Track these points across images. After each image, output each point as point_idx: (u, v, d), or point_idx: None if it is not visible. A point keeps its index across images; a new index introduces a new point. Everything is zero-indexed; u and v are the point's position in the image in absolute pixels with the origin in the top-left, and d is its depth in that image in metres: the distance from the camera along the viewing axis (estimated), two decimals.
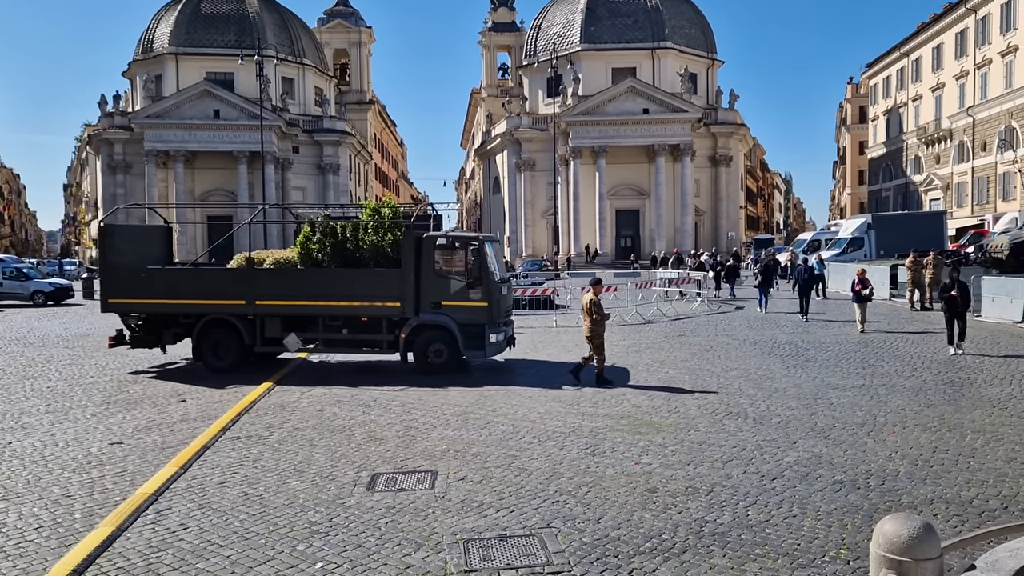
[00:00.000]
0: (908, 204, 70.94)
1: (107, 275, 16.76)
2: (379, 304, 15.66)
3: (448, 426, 11.07)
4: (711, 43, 74.87)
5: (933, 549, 4.10)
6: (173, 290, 16.31)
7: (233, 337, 16.18)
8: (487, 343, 15.71)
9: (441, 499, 7.90)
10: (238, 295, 15.97)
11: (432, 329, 15.74)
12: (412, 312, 15.63)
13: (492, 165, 77.92)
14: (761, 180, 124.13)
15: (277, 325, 16.17)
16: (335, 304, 15.82)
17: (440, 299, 15.67)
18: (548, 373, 15.52)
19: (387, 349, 16.14)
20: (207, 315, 16.19)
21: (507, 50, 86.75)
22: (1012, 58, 54.75)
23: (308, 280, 16.06)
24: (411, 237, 15.73)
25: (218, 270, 17.30)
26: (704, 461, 9.06)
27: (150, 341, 17.04)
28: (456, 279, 15.80)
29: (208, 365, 16.27)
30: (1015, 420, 10.78)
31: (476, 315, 15.69)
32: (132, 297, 16.51)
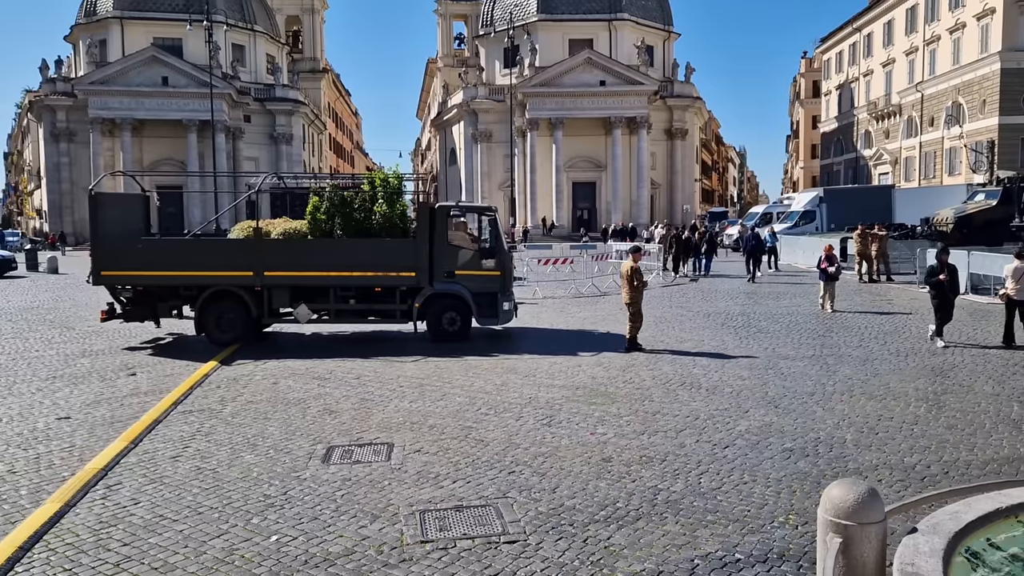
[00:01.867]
0: (858, 178, 72.30)
1: (99, 246, 15.89)
2: (394, 274, 15.79)
3: (404, 398, 11.05)
4: (668, 16, 74.92)
5: (877, 513, 4.22)
6: (173, 261, 15.80)
7: (238, 309, 15.87)
8: (500, 311, 16.20)
9: (397, 471, 7.90)
10: (245, 266, 15.65)
11: (446, 298, 16.00)
12: (427, 282, 15.83)
13: (448, 136, 77.31)
14: (716, 154, 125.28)
15: (286, 296, 16.00)
16: (348, 274, 15.81)
17: (453, 268, 15.96)
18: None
19: (400, 318, 16.29)
20: (211, 287, 15.71)
21: (463, 19, 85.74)
22: (960, 35, 55.82)
23: (320, 250, 15.90)
24: (425, 207, 16.08)
25: (224, 241, 16.77)
26: (658, 431, 9.19)
27: (144, 314, 16.43)
28: (469, 249, 16.22)
29: (212, 338, 15.83)
30: (956, 388, 11.13)
31: (489, 284, 16.13)
32: (127, 269, 15.86)
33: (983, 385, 11.29)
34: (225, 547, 6.17)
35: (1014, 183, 32.01)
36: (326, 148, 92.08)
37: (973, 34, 54.10)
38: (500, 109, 66.28)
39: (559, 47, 68.14)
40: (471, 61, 77.15)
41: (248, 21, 69.37)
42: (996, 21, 51.46)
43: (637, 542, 6.16)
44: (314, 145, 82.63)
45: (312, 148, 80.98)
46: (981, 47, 53.14)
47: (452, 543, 6.16)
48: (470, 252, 16.25)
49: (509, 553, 5.99)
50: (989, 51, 52.20)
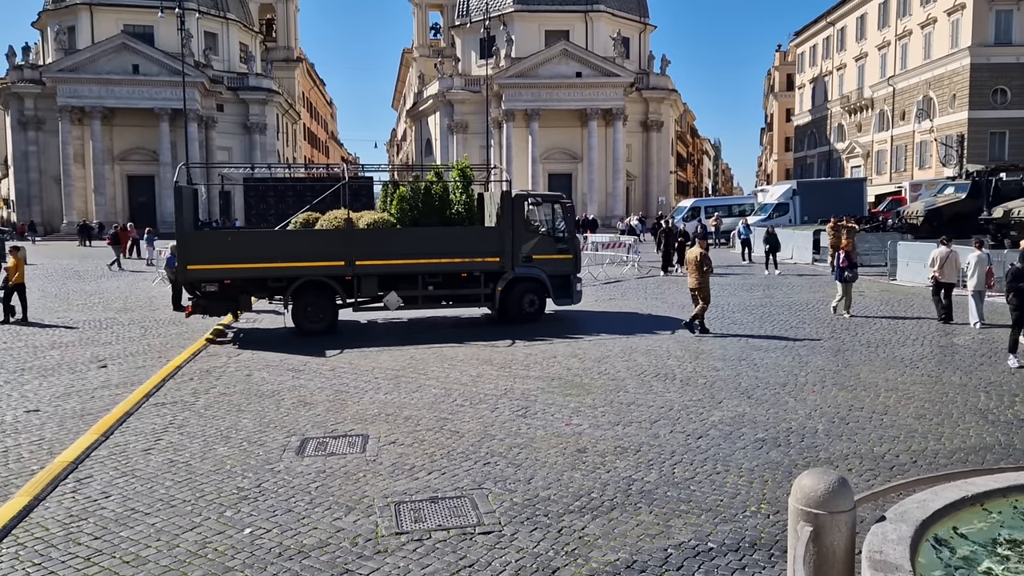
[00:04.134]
0: (831, 171, 72.94)
1: (186, 240, 15.80)
2: (479, 260, 16.68)
3: (380, 390, 11.02)
4: (643, 8, 74.95)
5: (847, 502, 4.28)
6: (265, 254, 15.85)
7: (328, 298, 16.29)
8: (574, 291, 17.56)
9: (372, 463, 7.88)
10: (337, 256, 15.99)
11: (525, 281, 17.11)
12: (509, 266, 16.80)
13: (424, 127, 76.92)
14: (691, 146, 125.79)
15: (374, 284, 16.48)
16: (438, 261, 16.48)
17: (531, 253, 17.11)
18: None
19: (484, 302, 17.23)
20: (301, 277, 15.90)
21: (439, 9, 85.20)
22: (931, 30, 56.43)
23: (410, 239, 16.57)
24: (509, 196, 17.02)
25: (316, 232, 16.84)
26: (632, 421, 9.25)
27: (226, 307, 16.42)
28: (545, 235, 17.43)
29: (303, 328, 16.06)
30: (925, 379, 11.30)
31: (563, 267, 17.41)
32: (217, 263, 15.64)
33: (951, 376, 11.47)
34: (198, 540, 6.13)
35: (983, 177, 32.48)
36: (300, 138, 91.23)
37: (944, 29, 54.73)
38: (476, 100, 66.03)
39: (535, 38, 67.95)
40: (447, 51, 76.73)
41: (221, 9, 68.39)
42: (966, 16, 52.09)
43: (611, 532, 6.20)
44: (288, 135, 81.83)
45: (286, 138, 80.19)
46: (951, 42, 53.77)
47: (427, 534, 6.16)
48: (546, 237, 17.45)
49: (484, 544, 6.00)
50: (959, 46, 52.84)
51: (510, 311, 17.07)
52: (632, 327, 16.35)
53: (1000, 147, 52.12)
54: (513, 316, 17.03)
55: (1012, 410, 9.58)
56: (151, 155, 63.25)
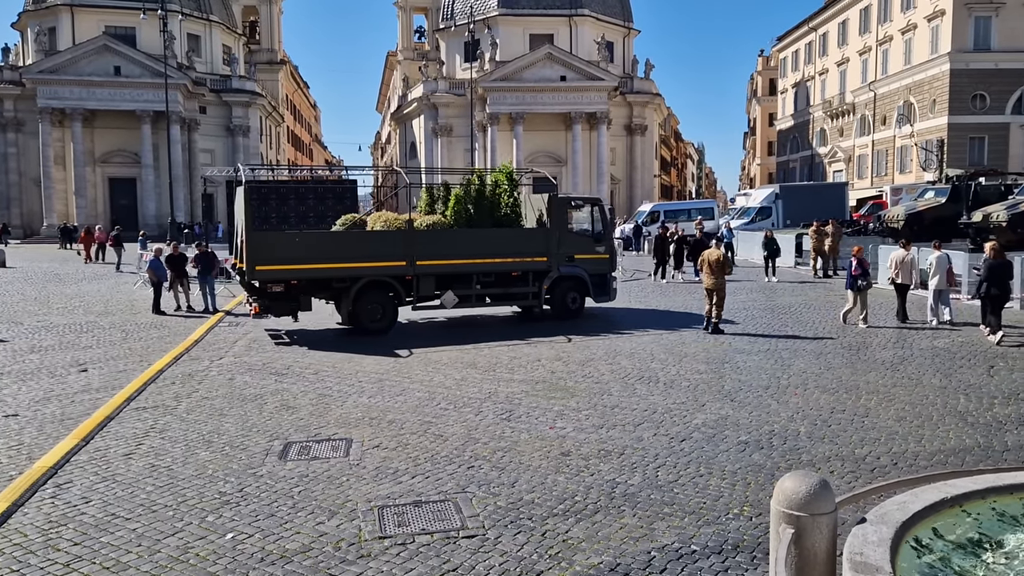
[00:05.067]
0: (813, 175, 73.50)
1: (253, 241, 15.77)
2: (529, 260, 17.52)
3: (363, 393, 10.99)
4: (627, 12, 75.23)
5: (828, 504, 4.31)
6: (331, 254, 16.10)
7: (389, 298, 16.64)
8: (611, 289, 18.66)
9: (356, 467, 7.85)
10: (399, 256, 16.44)
11: (568, 280, 18.02)
12: (555, 266, 17.66)
13: (408, 130, 76.79)
14: (675, 149, 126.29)
15: (432, 283, 17.02)
16: (491, 261, 17.23)
17: (573, 253, 18.02)
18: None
19: (531, 300, 17.95)
20: (364, 277, 16.17)
21: (424, 12, 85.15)
22: (911, 35, 57.02)
23: (467, 240, 17.22)
24: (555, 199, 18.13)
25: (380, 233, 17.24)
26: (616, 424, 9.27)
27: (288, 308, 16.50)
28: (586, 235, 18.60)
29: (365, 328, 16.25)
30: (905, 381, 11.40)
31: (601, 265, 18.49)
32: (285, 263, 15.81)
33: (931, 378, 11.58)
34: (180, 545, 6.09)
35: (962, 181, 32.82)
36: (284, 141, 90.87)
37: (924, 35, 55.31)
38: (460, 103, 66.03)
39: (520, 42, 68.05)
40: (431, 55, 76.69)
41: (204, 11, 68.01)
42: (946, 23, 52.67)
43: (595, 535, 6.21)
44: (271, 137, 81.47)
45: (269, 140, 79.84)
46: (931, 48, 54.35)
47: (411, 538, 6.15)
48: (586, 238, 18.58)
49: (468, 547, 6.00)
50: (939, 52, 53.41)
51: (555, 308, 17.99)
52: (614, 328, 16.39)
53: (979, 152, 52.71)
54: (557, 313, 17.95)
55: (991, 412, 9.69)
56: (133, 157, 62.76)
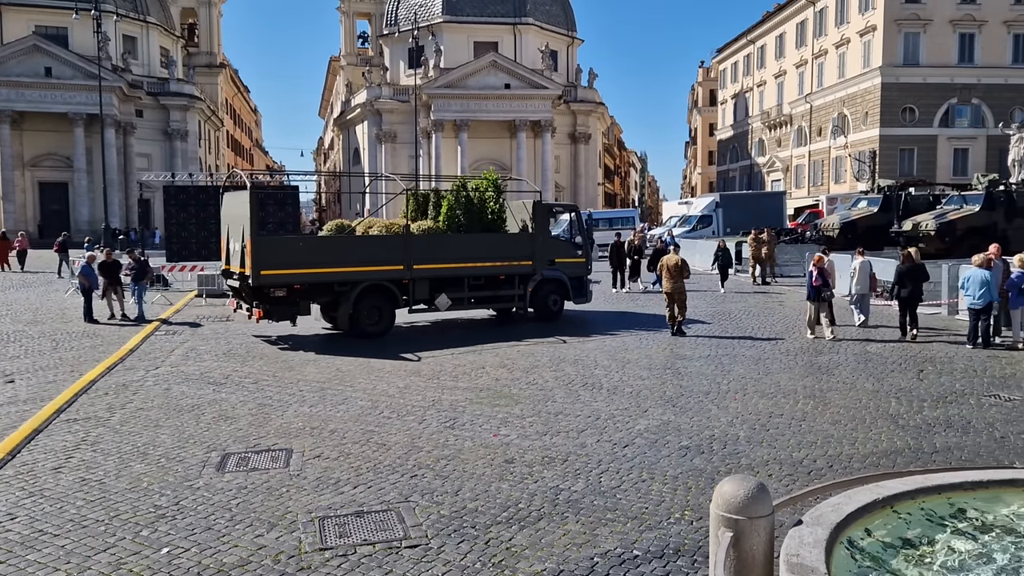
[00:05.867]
0: (752, 184, 75.14)
1: (259, 246, 15.72)
2: (516, 263, 18.28)
3: (304, 403, 10.82)
4: (571, 21, 75.97)
5: (766, 507, 4.39)
6: (333, 259, 16.38)
7: (387, 301, 16.99)
8: (587, 291, 19.83)
9: (296, 477, 7.72)
10: (397, 261, 16.89)
11: (550, 283, 18.86)
12: (539, 269, 18.48)
13: (352, 136, 76.14)
14: (618, 158, 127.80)
15: (426, 287, 17.42)
16: (482, 265, 17.92)
17: (554, 257, 18.93)
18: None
19: (517, 302, 18.74)
20: (363, 282, 16.50)
21: (367, 18, 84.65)
22: (845, 50, 58.78)
23: (460, 244, 17.85)
24: (540, 205, 18.97)
25: (380, 238, 17.69)
26: (560, 431, 9.30)
27: (289, 312, 16.54)
28: (565, 240, 19.73)
29: (363, 332, 16.58)
30: (840, 385, 11.70)
31: (578, 269, 19.50)
32: (288, 268, 15.97)
33: (864, 382, 11.90)
34: (112, 562, 5.89)
35: (893, 191, 33.93)
36: (223, 145, 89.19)
37: (857, 50, 57.06)
38: (405, 110, 65.75)
39: (464, 49, 68.12)
40: (375, 60, 76.25)
41: (140, 12, 66.40)
42: (877, 38, 54.44)
43: (539, 542, 6.21)
44: (211, 142, 79.90)
45: (209, 145, 78.29)
46: (864, 62, 56.10)
47: (352, 549, 6.06)
48: (565, 242, 19.71)
49: (411, 558, 5.94)
50: (871, 66, 55.16)
51: (538, 310, 18.87)
52: (560, 335, 16.47)
53: (909, 163, 54.56)
54: (540, 314, 18.85)
55: (920, 415, 10.00)
56: (65, 161, 60.88)
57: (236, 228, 16.48)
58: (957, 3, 53.91)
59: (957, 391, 11.28)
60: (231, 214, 17.07)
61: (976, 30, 54.39)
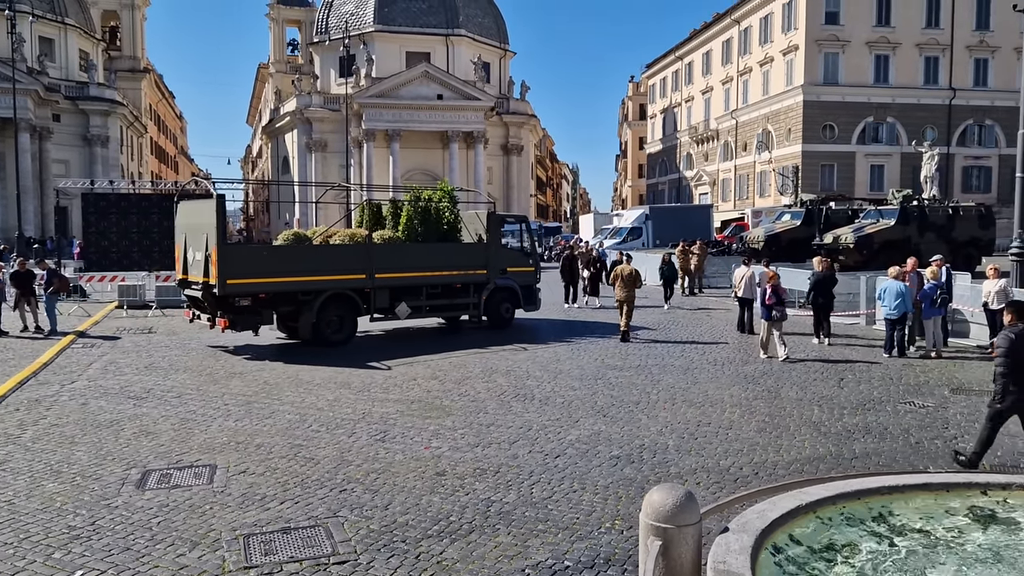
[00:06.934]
0: (681, 197, 76.66)
1: (226, 255, 15.56)
2: (471, 272, 18.72)
3: (230, 417, 10.53)
4: (504, 34, 76.42)
5: (693, 515, 4.45)
6: (298, 268, 16.39)
7: (350, 310, 17.12)
8: (537, 299, 20.34)
9: (220, 494, 7.50)
10: (360, 270, 17.01)
11: (502, 291, 19.39)
12: (492, 278, 18.95)
13: (281, 144, 74.88)
14: (550, 170, 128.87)
15: (387, 296, 17.62)
16: (440, 274, 18.30)
17: (506, 266, 19.47)
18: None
19: (472, 310, 19.11)
20: (328, 290, 16.58)
21: (297, 25, 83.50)
22: (768, 68, 60.61)
23: (420, 253, 18.15)
24: (494, 216, 19.59)
25: (343, 247, 17.78)
26: (492, 442, 9.27)
27: (254, 322, 16.51)
28: (516, 250, 20.39)
29: (327, 340, 16.62)
30: (765, 394, 11.99)
31: (528, 277, 20.09)
32: (254, 277, 15.91)
33: (788, 391, 12.22)
34: None
35: (815, 205, 35.07)
36: (147, 152, 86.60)
37: (780, 68, 58.91)
38: (335, 118, 65.00)
39: (396, 59, 67.81)
40: (305, 68, 75.25)
41: (58, 13, 64.06)
42: (799, 57, 56.31)
43: (470, 555, 6.16)
44: (133, 149, 77.49)
45: (131, 152, 75.90)
46: (787, 80, 57.94)
47: (278, 567, 5.91)
48: (516, 251, 20.36)
49: (339, 574, 5.82)
50: (793, 84, 57.00)
51: (491, 318, 19.29)
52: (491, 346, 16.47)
53: (829, 178, 56.46)
54: (493, 322, 19.30)
55: (841, 422, 10.31)
56: None
57: (197, 237, 16.16)
58: (873, 26, 56.19)
59: (875, 399, 11.68)
60: (190, 223, 16.75)
61: (891, 52, 56.76)
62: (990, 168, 58.72)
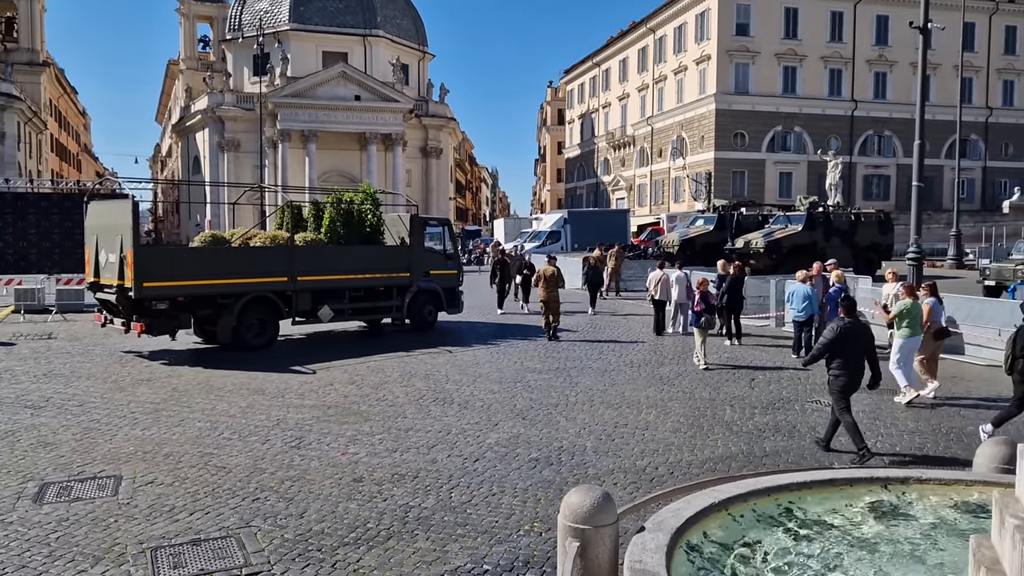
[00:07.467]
0: (599, 202, 77.83)
1: (142, 257, 15.04)
2: (394, 275, 18.66)
3: (136, 425, 10.13)
4: (422, 36, 76.05)
5: (610, 516, 4.49)
6: (218, 270, 15.99)
7: (271, 313, 16.82)
8: (459, 301, 20.41)
9: (126, 506, 7.20)
10: (282, 272, 16.76)
11: (425, 294, 19.36)
12: (416, 281, 18.91)
13: (192, 143, 72.61)
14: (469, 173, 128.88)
15: (308, 299, 17.34)
16: (363, 276, 18.15)
17: (429, 269, 19.42)
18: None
19: (395, 313, 19.04)
20: (249, 293, 16.24)
21: (209, 21, 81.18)
22: (683, 76, 62.15)
23: (342, 256, 17.98)
24: (416, 219, 19.61)
25: (265, 249, 17.45)
26: (411, 447, 9.18)
27: (171, 326, 15.98)
28: (438, 252, 20.16)
29: (248, 345, 16.28)
30: (680, 395, 12.25)
31: (451, 280, 20.14)
32: (172, 279, 15.44)
33: (702, 392, 12.52)
34: None
35: (727, 211, 36.11)
36: (47, 149, 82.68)
37: (693, 77, 60.47)
38: (249, 118, 63.41)
39: (312, 58, 66.63)
40: (217, 66, 73.14)
41: None
42: (711, 67, 57.94)
43: (387, 562, 6.08)
44: (32, 146, 73.87)
45: (29, 149, 72.31)
46: (700, 89, 59.53)
47: None
48: (439, 254, 20.10)
49: None
50: (706, 93, 58.60)
51: (414, 321, 19.26)
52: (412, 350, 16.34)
53: (741, 184, 58.27)
54: (416, 325, 19.27)
55: (752, 421, 10.62)
56: None
57: (110, 239, 15.51)
58: (781, 38, 58.29)
59: (784, 398, 12.07)
60: (102, 224, 16.07)
61: (798, 64, 58.99)
62: (889, 177, 61.66)
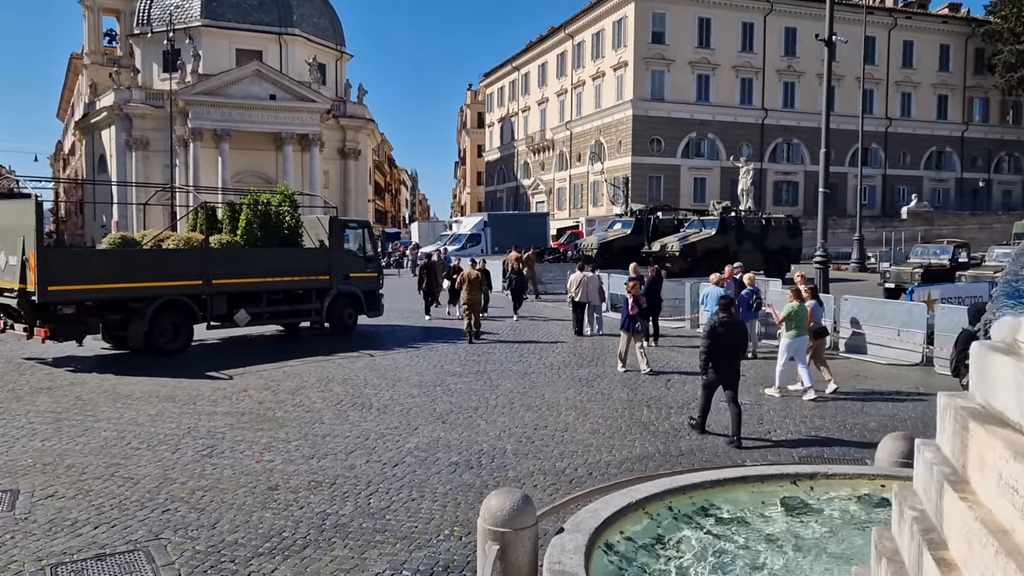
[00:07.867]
0: (519, 205, 78.23)
1: (46, 259, 14.36)
2: (313, 278, 18.42)
3: (36, 436, 9.65)
4: (340, 36, 74.98)
5: (530, 518, 4.51)
6: (128, 273, 15.50)
7: (185, 318, 16.35)
8: (379, 304, 20.34)
9: (24, 521, 6.84)
10: (195, 275, 16.30)
11: (345, 297, 19.18)
12: (335, 284, 18.69)
13: (97, 141, 69.72)
14: (389, 175, 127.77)
15: (224, 303, 16.86)
16: (281, 280, 17.85)
17: (348, 272, 19.21)
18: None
19: (314, 317, 18.85)
20: (161, 297, 15.76)
21: (115, 14, 78.05)
22: (600, 82, 63.09)
23: (259, 258, 17.71)
24: (336, 221, 19.32)
25: (177, 251, 17.03)
26: (328, 454, 9.03)
27: (79, 331, 15.29)
28: (358, 255, 19.86)
29: (161, 351, 15.78)
30: (599, 396, 12.40)
31: (371, 283, 20.04)
32: (79, 283, 14.77)
33: (619, 393, 12.71)
34: None
35: (643, 215, 36.81)
36: None
37: (611, 83, 61.45)
38: (159, 115, 61.30)
39: (225, 56, 64.86)
40: (124, 61, 70.39)
41: None
42: (628, 73, 58.99)
43: (304, 572, 5.95)
44: None
45: None
46: (617, 95, 60.53)
47: None
48: (358, 257, 19.85)
49: None
50: (623, 99, 59.63)
51: (334, 324, 19.07)
52: (333, 354, 16.08)
53: (657, 189, 59.47)
54: (336, 328, 19.08)
55: (668, 421, 10.84)
56: None
57: (10, 240, 14.70)
58: (695, 47, 59.79)
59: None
60: (0, 225, 15.18)
61: (711, 72, 60.62)
62: (797, 183, 63.96)
